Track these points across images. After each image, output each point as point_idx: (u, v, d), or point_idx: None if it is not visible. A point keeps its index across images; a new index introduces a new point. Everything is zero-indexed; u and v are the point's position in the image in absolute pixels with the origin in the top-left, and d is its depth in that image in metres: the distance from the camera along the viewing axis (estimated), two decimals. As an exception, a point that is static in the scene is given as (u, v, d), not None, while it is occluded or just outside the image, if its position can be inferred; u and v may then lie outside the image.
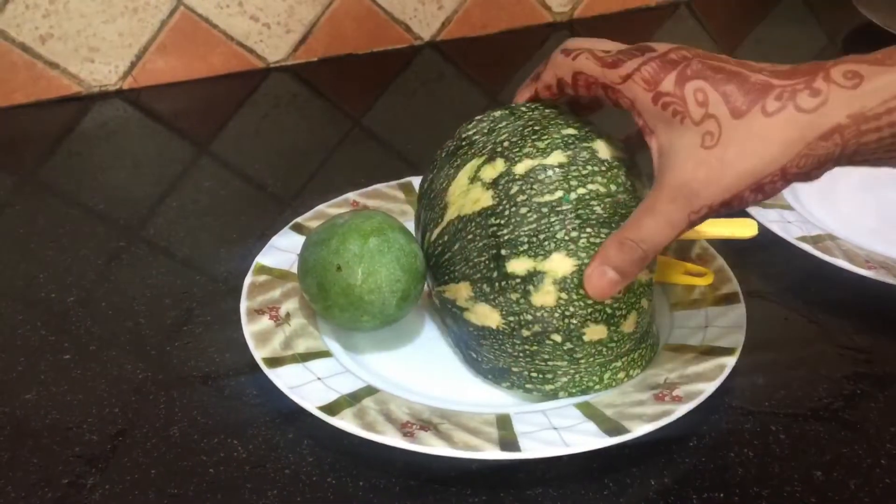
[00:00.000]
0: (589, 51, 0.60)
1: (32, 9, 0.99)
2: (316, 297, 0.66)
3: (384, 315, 0.66)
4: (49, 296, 0.76)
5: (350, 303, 0.65)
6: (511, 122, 0.65)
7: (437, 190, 0.66)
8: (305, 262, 0.67)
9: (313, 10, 1.10)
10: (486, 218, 0.62)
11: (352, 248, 0.65)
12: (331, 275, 0.65)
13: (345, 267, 0.64)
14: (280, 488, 0.59)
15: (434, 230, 0.66)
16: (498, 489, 0.59)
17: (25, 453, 0.61)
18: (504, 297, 0.61)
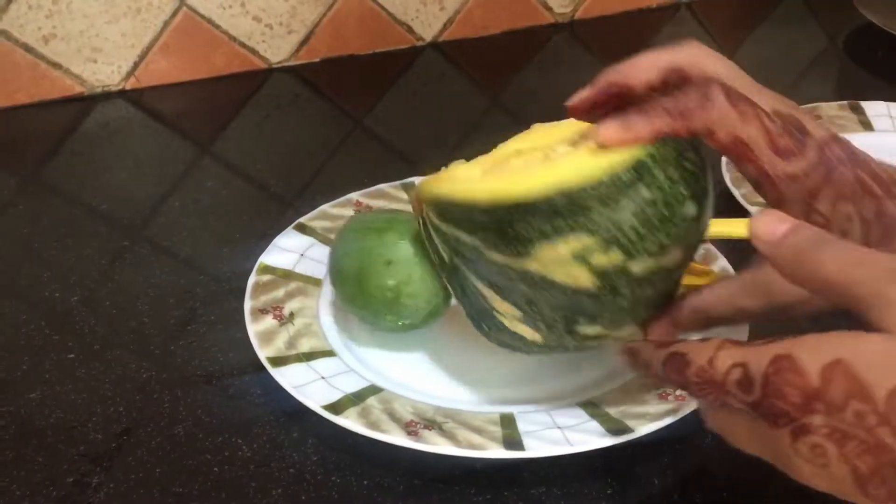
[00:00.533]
0: (758, 114, 0.50)
1: (35, 9, 0.99)
2: (346, 280, 0.66)
3: (409, 322, 0.66)
4: (53, 295, 0.76)
5: (383, 299, 0.65)
6: (636, 196, 0.51)
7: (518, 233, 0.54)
8: (348, 242, 0.67)
9: (315, 11, 1.11)
10: (579, 296, 0.54)
11: (407, 249, 0.65)
12: (376, 266, 0.65)
13: (395, 264, 0.64)
14: (284, 487, 0.59)
15: (494, 254, 0.56)
16: (502, 488, 0.59)
17: (30, 452, 0.62)
18: (558, 336, 0.58)
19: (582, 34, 1.23)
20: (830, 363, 0.39)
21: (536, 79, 1.13)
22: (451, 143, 0.99)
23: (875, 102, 0.98)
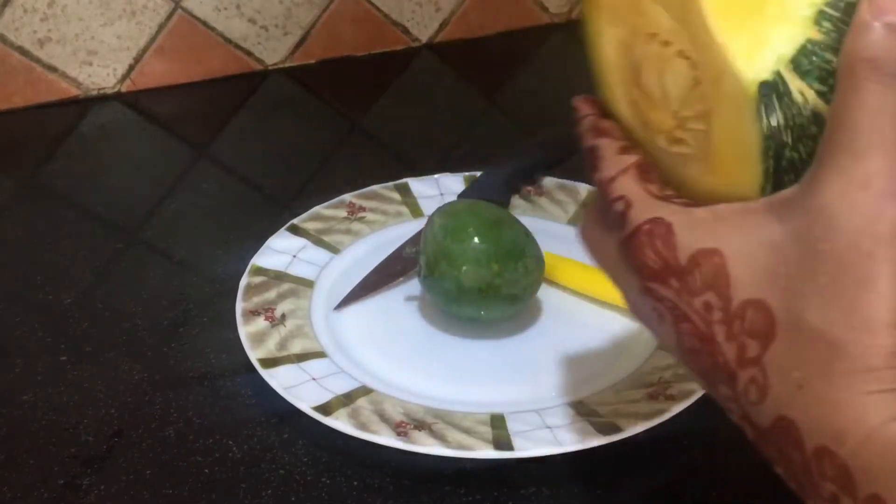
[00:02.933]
0: None
1: (31, 12, 0.99)
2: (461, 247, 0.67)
3: (470, 307, 0.68)
4: (46, 297, 0.76)
5: (486, 283, 0.67)
6: None
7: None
8: (486, 216, 0.69)
9: (311, 13, 1.11)
10: None
11: (539, 254, 0.69)
12: (511, 252, 0.67)
13: (528, 261, 0.67)
14: (275, 488, 0.59)
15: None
16: (492, 488, 0.59)
17: (22, 454, 0.62)
18: None
19: (579, 35, 1.23)
20: (705, 250, 0.37)
21: (533, 80, 1.13)
22: (447, 145, 0.99)
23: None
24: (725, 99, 0.36)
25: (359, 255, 0.77)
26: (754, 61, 0.35)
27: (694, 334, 0.37)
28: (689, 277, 0.37)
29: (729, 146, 0.37)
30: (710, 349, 0.37)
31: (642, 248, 0.39)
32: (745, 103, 0.36)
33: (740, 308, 0.35)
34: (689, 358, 0.39)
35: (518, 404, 0.64)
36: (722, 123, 0.37)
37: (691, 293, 0.37)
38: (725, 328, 0.36)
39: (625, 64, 0.42)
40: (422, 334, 0.71)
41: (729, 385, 0.37)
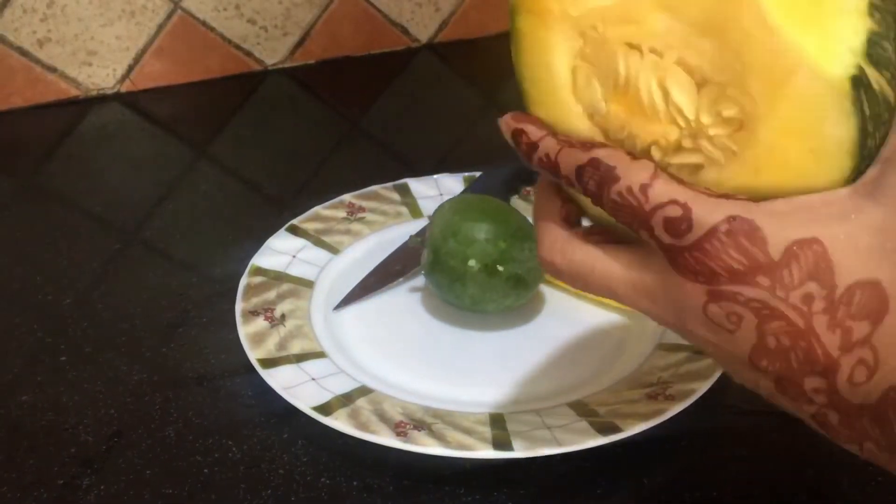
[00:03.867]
0: None
1: (30, 13, 0.99)
2: (470, 224, 0.68)
3: (474, 287, 0.68)
4: (46, 298, 0.76)
5: (493, 260, 0.67)
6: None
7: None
8: (495, 202, 0.72)
9: (310, 13, 1.11)
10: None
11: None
12: (518, 233, 0.69)
13: (534, 245, 0.67)
14: (274, 488, 0.59)
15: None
16: (491, 488, 0.59)
17: (21, 454, 0.62)
18: None
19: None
20: (803, 240, 0.36)
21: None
22: (447, 145, 0.99)
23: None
24: (796, 98, 0.36)
25: (358, 256, 0.77)
26: (834, 56, 0.35)
27: (786, 331, 0.36)
28: (784, 272, 0.36)
29: (801, 143, 0.37)
30: (805, 344, 0.36)
31: (721, 249, 0.36)
32: (835, 99, 0.35)
33: (847, 293, 0.35)
34: (766, 361, 0.37)
35: (517, 404, 0.64)
36: (787, 123, 0.36)
37: (787, 288, 0.36)
38: (828, 317, 0.35)
39: (586, 78, 0.41)
40: (421, 334, 0.71)
41: (823, 376, 0.36)
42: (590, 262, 0.41)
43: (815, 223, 0.36)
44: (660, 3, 0.38)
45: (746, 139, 0.38)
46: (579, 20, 0.40)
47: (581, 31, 0.40)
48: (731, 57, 0.37)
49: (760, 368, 0.38)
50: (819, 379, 0.36)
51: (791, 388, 0.38)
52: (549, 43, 0.41)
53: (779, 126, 0.37)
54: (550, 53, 0.41)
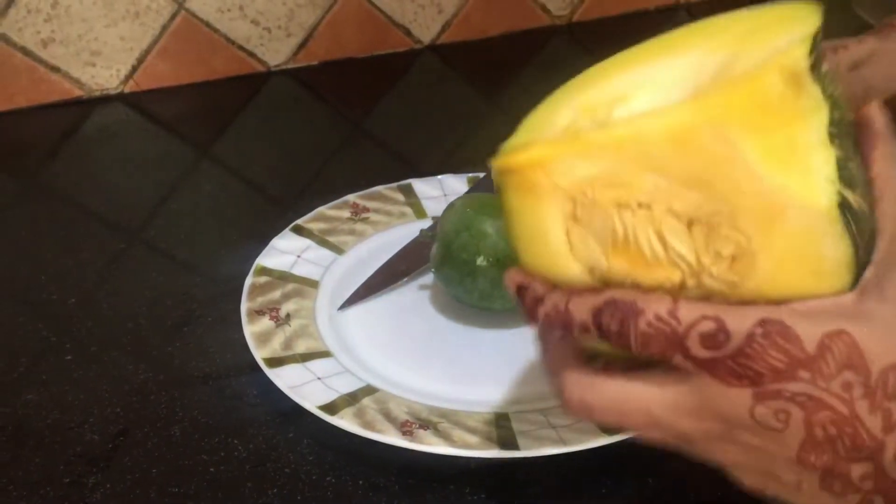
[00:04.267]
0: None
1: (34, 13, 0.99)
2: (484, 218, 0.69)
3: (484, 281, 0.68)
4: (50, 297, 0.76)
5: (505, 254, 0.67)
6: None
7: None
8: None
9: (314, 14, 1.11)
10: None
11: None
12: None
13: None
14: (280, 487, 0.59)
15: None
16: (497, 488, 0.59)
17: (27, 453, 0.62)
18: None
19: (580, 36, 1.23)
20: (832, 332, 0.38)
21: (535, 81, 1.13)
22: (449, 146, 0.99)
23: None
24: (791, 232, 0.39)
25: (363, 256, 0.77)
26: (817, 189, 0.38)
27: (833, 420, 0.37)
28: (822, 363, 0.37)
29: (802, 269, 0.39)
30: (851, 430, 0.37)
31: (762, 351, 0.38)
32: (827, 226, 0.38)
33: (881, 375, 0.37)
34: (814, 455, 0.38)
35: (523, 404, 0.64)
36: (785, 254, 0.39)
37: (827, 378, 0.37)
38: (868, 401, 0.37)
39: (582, 239, 0.42)
40: (426, 334, 0.71)
41: (872, 459, 0.38)
42: (623, 392, 0.42)
43: (837, 319, 0.38)
44: (646, 165, 0.40)
45: (747, 271, 0.40)
46: (568, 190, 0.41)
47: (571, 197, 0.41)
48: (719, 203, 0.39)
49: (808, 465, 0.39)
50: (866, 464, 0.38)
51: (838, 480, 0.39)
52: (540, 213, 0.42)
53: (777, 257, 0.39)
54: (543, 222, 0.42)
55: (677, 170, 0.39)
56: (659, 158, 0.39)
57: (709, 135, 0.39)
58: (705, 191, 0.39)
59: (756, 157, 0.38)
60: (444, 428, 0.61)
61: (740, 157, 0.38)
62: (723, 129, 0.38)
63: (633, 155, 0.40)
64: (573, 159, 0.41)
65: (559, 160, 0.41)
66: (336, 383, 0.64)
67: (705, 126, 0.39)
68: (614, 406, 0.42)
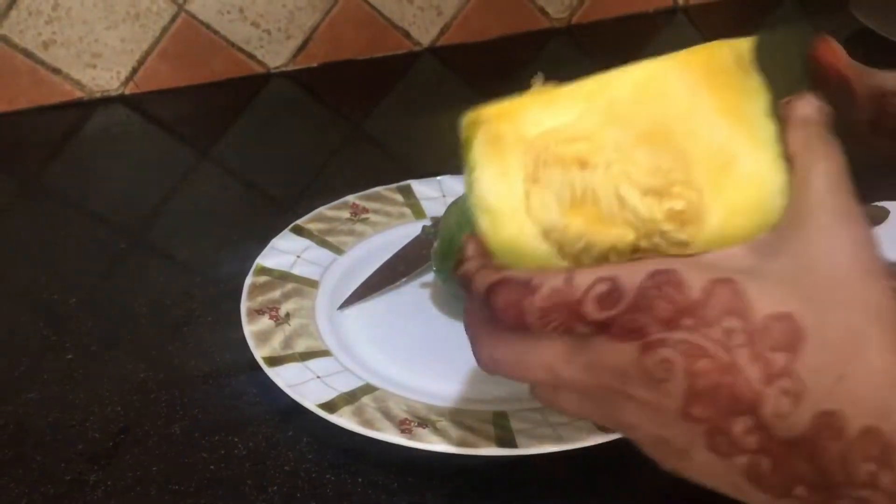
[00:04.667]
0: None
1: (35, 15, 1.00)
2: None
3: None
4: (51, 297, 0.77)
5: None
6: None
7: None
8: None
9: (313, 17, 1.11)
10: None
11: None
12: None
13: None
14: (280, 484, 0.60)
15: None
16: (495, 485, 0.60)
17: (28, 451, 0.62)
18: None
19: (579, 39, 1.24)
20: (719, 279, 0.38)
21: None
22: (449, 148, 0.99)
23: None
24: (739, 180, 0.40)
25: (362, 256, 0.78)
26: (765, 144, 0.41)
27: (712, 369, 0.37)
28: (705, 309, 0.37)
29: (749, 220, 0.40)
30: (731, 379, 0.37)
31: (650, 302, 0.38)
32: (773, 177, 0.40)
33: (763, 324, 0.36)
34: (698, 407, 0.38)
35: (521, 402, 0.64)
36: (735, 204, 0.40)
37: (709, 323, 0.37)
38: (749, 350, 0.36)
39: (540, 199, 0.42)
40: (425, 334, 0.71)
41: (751, 412, 0.37)
42: (526, 347, 0.42)
43: (726, 270, 0.38)
44: (611, 117, 0.42)
45: (696, 230, 0.40)
46: (532, 143, 0.42)
47: (534, 155, 0.42)
48: (675, 155, 0.41)
49: (693, 419, 0.38)
50: (747, 417, 0.37)
51: (722, 437, 0.38)
52: (503, 169, 0.43)
53: (726, 209, 0.40)
54: (504, 180, 0.43)
55: (639, 120, 0.41)
56: (624, 107, 0.41)
57: (673, 81, 0.41)
58: (663, 142, 0.41)
59: (712, 108, 0.41)
60: (442, 426, 0.61)
61: (699, 104, 0.41)
62: (686, 77, 0.41)
63: (600, 106, 0.42)
64: (541, 110, 0.42)
65: (527, 111, 0.42)
66: (335, 382, 0.65)
67: (670, 73, 0.41)
68: (519, 360, 0.42)
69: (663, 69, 0.42)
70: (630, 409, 0.41)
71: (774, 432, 0.37)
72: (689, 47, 0.42)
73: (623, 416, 0.41)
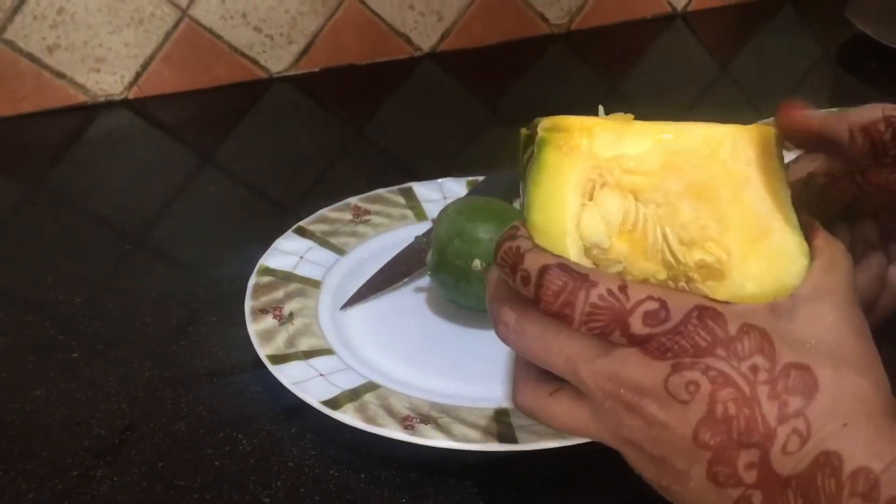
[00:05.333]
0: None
1: (40, 20, 1.01)
2: (475, 224, 0.70)
3: (480, 285, 0.69)
4: (57, 297, 0.77)
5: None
6: None
7: None
8: (498, 204, 0.74)
9: (315, 22, 1.12)
10: None
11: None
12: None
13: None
14: (284, 480, 0.61)
15: None
16: (496, 481, 0.60)
17: (36, 447, 0.63)
18: None
19: (578, 45, 1.25)
20: (752, 325, 0.42)
21: (533, 89, 1.15)
22: (449, 152, 1.01)
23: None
24: (768, 252, 0.45)
25: (364, 257, 0.79)
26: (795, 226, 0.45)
27: (734, 399, 0.41)
28: (738, 345, 0.41)
29: (762, 290, 0.45)
30: (748, 412, 0.40)
31: (693, 330, 0.42)
32: (798, 257, 0.44)
33: (785, 369, 0.41)
34: (709, 434, 0.41)
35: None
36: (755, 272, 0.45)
37: (739, 358, 0.41)
38: (769, 387, 0.40)
39: (594, 215, 0.46)
40: (427, 333, 0.72)
41: (760, 447, 0.40)
42: (553, 331, 0.45)
43: (763, 319, 0.42)
44: (670, 164, 0.46)
45: (717, 284, 0.45)
46: (600, 163, 0.46)
47: (599, 174, 0.46)
48: (716, 216, 0.45)
49: (702, 444, 0.41)
50: (754, 451, 0.40)
51: (725, 467, 0.41)
52: (568, 178, 0.46)
53: (748, 275, 0.45)
54: (566, 188, 0.46)
55: (695, 174, 0.46)
56: (685, 158, 0.46)
57: (732, 149, 0.46)
58: (708, 200, 0.45)
59: (760, 182, 0.46)
60: (444, 423, 0.62)
61: (750, 177, 0.46)
62: (743, 150, 0.46)
63: (666, 149, 0.46)
64: (615, 136, 0.46)
65: (606, 133, 0.46)
66: (338, 380, 0.65)
67: (732, 141, 0.46)
68: (543, 341, 0.45)
69: (728, 136, 0.46)
70: (635, 426, 0.43)
71: (775, 468, 0.40)
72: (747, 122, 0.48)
73: (624, 430, 0.44)
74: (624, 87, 1.16)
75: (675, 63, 1.23)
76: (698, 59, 1.26)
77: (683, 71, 1.20)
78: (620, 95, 1.12)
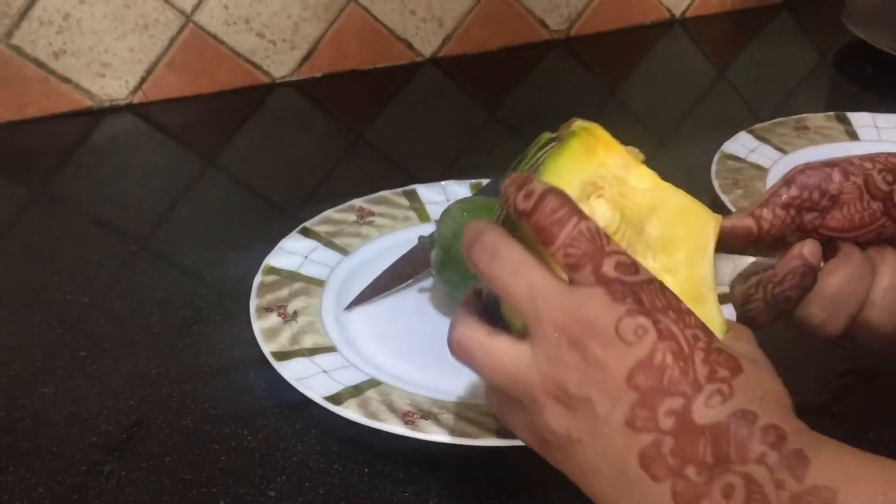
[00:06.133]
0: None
1: (46, 25, 1.02)
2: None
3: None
4: (64, 297, 0.78)
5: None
6: None
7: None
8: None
9: (318, 28, 1.14)
10: None
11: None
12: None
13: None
14: (289, 475, 0.62)
15: None
16: (497, 475, 0.61)
17: (45, 442, 0.64)
18: None
19: (577, 50, 1.26)
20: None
21: (533, 94, 1.16)
22: (450, 157, 1.02)
23: (861, 113, 1.00)
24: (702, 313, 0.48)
25: (367, 257, 0.80)
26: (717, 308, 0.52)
27: (674, 351, 0.44)
28: (690, 316, 0.45)
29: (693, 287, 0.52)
30: (683, 365, 0.44)
31: (655, 290, 0.46)
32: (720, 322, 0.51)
33: (717, 349, 0.45)
34: (644, 376, 0.44)
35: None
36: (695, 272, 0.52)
37: (687, 325, 0.45)
38: (704, 354, 0.44)
39: (590, 208, 0.52)
40: (429, 333, 0.73)
41: (685, 396, 0.43)
42: (522, 259, 0.48)
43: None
44: (651, 209, 0.53)
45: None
46: (607, 175, 0.52)
47: (602, 184, 0.52)
48: (669, 269, 0.52)
49: (632, 385, 0.44)
50: (679, 399, 0.43)
51: (644, 411, 0.44)
52: (579, 171, 0.52)
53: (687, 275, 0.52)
54: (575, 177, 0.51)
55: (666, 227, 0.53)
56: (663, 212, 0.53)
57: (702, 224, 0.53)
58: (669, 254, 0.52)
59: (709, 259, 0.53)
60: (445, 418, 0.63)
61: (707, 251, 0.53)
62: (711, 229, 0.53)
63: (653, 198, 0.53)
64: (627, 167, 0.53)
65: (621, 158, 0.53)
66: (341, 376, 0.66)
67: (704, 219, 0.54)
68: (513, 265, 0.47)
69: (704, 215, 0.54)
70: (572, 363, 0.45)
71: (694, 417, 0.43)
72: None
73: (558, 368, 0.46)
74: (623, 92, 1.17)
75: (674, 68, 1.24)
76: (697, 65, 1.27)
77: (682, 76, 1.22)
78: (619, 100, 1.13)
